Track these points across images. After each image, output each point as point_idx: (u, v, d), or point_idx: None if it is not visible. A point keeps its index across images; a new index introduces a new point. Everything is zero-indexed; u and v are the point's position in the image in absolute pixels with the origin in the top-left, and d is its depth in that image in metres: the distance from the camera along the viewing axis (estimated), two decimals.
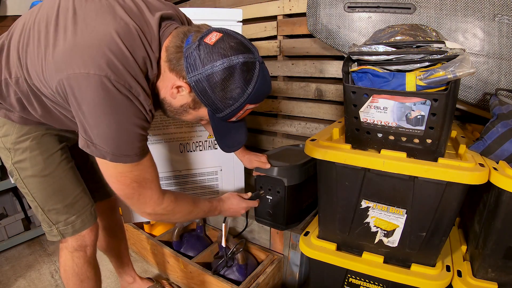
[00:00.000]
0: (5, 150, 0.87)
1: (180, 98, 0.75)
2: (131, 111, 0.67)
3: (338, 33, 1.23)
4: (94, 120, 0.65)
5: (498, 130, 0.79)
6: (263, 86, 0.73)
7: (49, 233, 0.94)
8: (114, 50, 0.64)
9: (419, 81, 0.74)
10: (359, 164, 0.84)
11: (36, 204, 0.90)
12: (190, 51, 0.68)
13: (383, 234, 0.91)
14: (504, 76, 1.02)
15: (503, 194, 0.74)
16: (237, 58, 0.67)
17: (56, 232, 0.92)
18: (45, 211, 0.91)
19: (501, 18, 1.00)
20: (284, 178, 1.14)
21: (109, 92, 0.63)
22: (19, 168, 0.88)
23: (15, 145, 0.86)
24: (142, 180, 0.75)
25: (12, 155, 0.87)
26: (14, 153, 0.87)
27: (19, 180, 0.90)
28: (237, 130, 0.83)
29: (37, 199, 0.90)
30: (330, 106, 1.55)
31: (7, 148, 0.86)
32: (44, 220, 0.92)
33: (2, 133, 0.85)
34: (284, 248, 1.28)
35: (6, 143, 0.86)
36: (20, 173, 0.88)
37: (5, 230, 1.65)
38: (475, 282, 0.84)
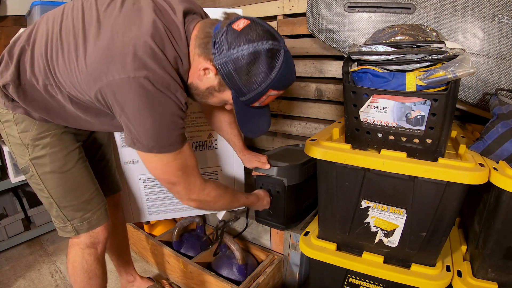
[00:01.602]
0: (22, 146, 0.87)
1: (206, 80, 0.77)
2: (171, 106, 0.72)
3: (338, 33, 1.23)
4: (139, 119, 0.70)
5: (498, 130, 0.79)
6: (287, 74, 0.75)
7: (63, 229, 0.94)
8: (148, 52, 0.67)
9: (419, 81, 0.74)
10: (359, 164, 0.84)
11: (51, 200, 0.91)
12: (218, 36, 0.72)
13: (383, 234, 0.91)
14: (504, 76, 1.02)
15: (503, 194, 0.74)
16: (262, 44, 0.70)
17: (71, 228, 0.93)
18: (61, 207, 0.91)
19: (501, 18, 1.00)
20: (284, 178, 1.14)
21: (149, 92, 0.68)
22: (37, 164, 0.88)
23: (34, 141, 0.86)
24: (185, 167, 0.80)
25: (30, 151, 0.87)
26: (32, 149, 0.87)
27: (35, 176, 0.89)
28: (260, 117, 0.85)
29: (54, 195, 0.90)
30: (330, 106, 1.55)
31: (25, 144, 0.86)
32: (59, 217, 0.92)
33: (21, 129, 0.86)
34: (284, 248, 1.28)
35: (25, 139, 0.86)
36: (37, 169, 0.88)
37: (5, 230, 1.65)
38: (475, 282, 0.84)
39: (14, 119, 0.85)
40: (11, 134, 0.87)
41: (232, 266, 1.24)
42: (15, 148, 0.89)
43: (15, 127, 0.85)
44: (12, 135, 0.87)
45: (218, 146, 1.34)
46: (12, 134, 0.87)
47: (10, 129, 0.87)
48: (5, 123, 0.87)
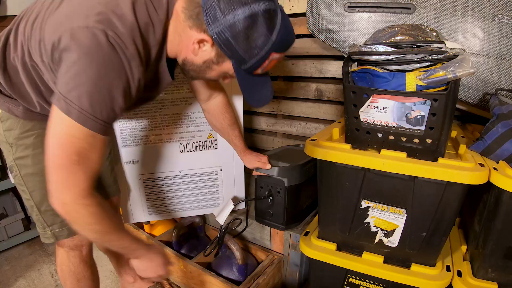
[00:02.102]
0: (7, 145, 0.85)
1: (202, 54, 0.72)
2: (118, 71, 0.63)
3: (338, 33, 1.23)
4: (77, 69, 0.60)
5: (498, 130, 0.79)
6: (287, 34, 0.70)
7: (43, 235, 0.92)
8: (117, 11, 0.63)
9: (419, 81, 0.74)
10: (359, 164, 0.84)
11: (32, 203, 0.89)
12: (209, 4, 0.66)
13: (383, 234, 0.91)
14: (504, 76, 1.02)
15: (503, 194, 0.74)
16: (258, 5, 0.64)
17: (49, 234, 0.91)
18: (41, 211, 0.89)
19: (501, 18, 1.00)
20: (285, 178, 1.14)
21: (102, 46, 0.60)
22: (20, 164, 0.86)
23: (18, 140, 0.84)
24: (85, 157, 0.64)
25: (13, 150, 0.85)
26: (16, 149, 0.85)
27: (18, 177, 0.88)
28: (263, 85, 0.79)
29: (35, 198, 0.88)
30: (330, 106, 1.55)
31: (9, 142, 0.85)
32: (39, 221, 0.91)
33: (5, 127, 0.84)
34: (284, 248, 1.28)
35: (9, 138, 0.85)
36: (20, 169, 0.86)
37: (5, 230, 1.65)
38: (475, 282, 0.84)
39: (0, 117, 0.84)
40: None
41: (232, 266, 1.24)
42: (2, 146, 0.88)
43: (1, 125, 0.84)
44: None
45: (218, 146, 1.34)
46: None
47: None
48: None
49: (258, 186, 1.22)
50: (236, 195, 1.42)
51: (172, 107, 1.24)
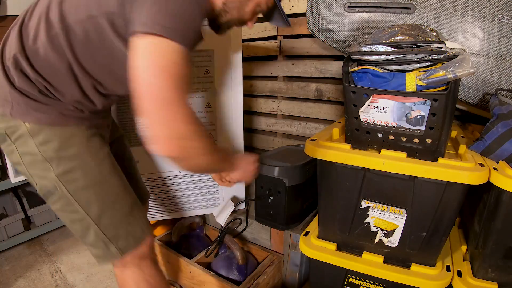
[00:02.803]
0: (44, 162, 0.72)
1: None
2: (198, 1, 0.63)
3: (338, 33, 1.23)
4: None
5: (498, 130, 0.79)
6: None
7: (105, 256, 0.78)
8: None
9: (419, 81, 0.74)
10: (359, 164, 0.84)
11: (89, 221, 0.75)
12: None
13: (383, 234, 0.91)
14: (504, 76, 1.02)
15: (503, 194, 0.74)
16: None
17: (114, 251, 0.78)
18: (102, 227, 0.76)
19: (501, 18, 1.00)
20: (285, 178, 1.14)
21: None
22: (66, 180, 0.73)
23: (59, 152, 0.72)
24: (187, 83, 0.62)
25: (54, 166, 0.72)
26: (57, 163, 0.72)
27: (64, 197, 0.74)
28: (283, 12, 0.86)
29: (92, 214, 0.75)
30: (330, 106, 1.55)
31: (48, 158, 0.71)
32: (99, 240, 0.77)
33: (39, 141, 0.70)
34: (284, 248, 1.28)
35: (47, 152, 0.71)
36: (67, 186, 0.73)
37: (5, 230, 1.65)
38: (475, 282, 0.84)
39: (28, 131, 0.70)
40: (26, 152, 0.72)
41: (232, 266, 1.24)
42: (33, 168, 0.74)
43: (31, 141, 0.70)
44: (29, 152, 0.72)
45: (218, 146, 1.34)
46: (28, 151, 0.72)
47: (25, 146, 0.71)
48: (17, 140, 0.72)
49: (258, 186, 1.22)
50: (236, 195, 1.42)
51: None
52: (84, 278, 1.48)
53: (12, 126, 0.70)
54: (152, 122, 0.59)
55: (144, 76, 0.58)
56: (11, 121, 0.70)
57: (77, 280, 1.47)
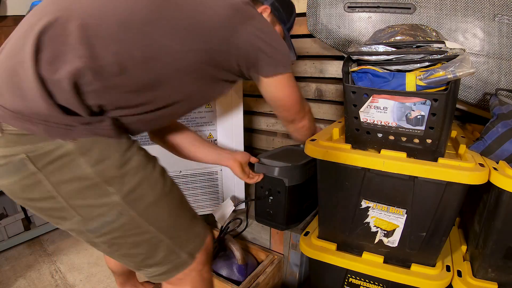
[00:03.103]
0: (101, 186, 0.58)
1: None
2: None
3: (338, 33, 1.23)
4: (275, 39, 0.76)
5: (498, 130, 0.79)
6: None
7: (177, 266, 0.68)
8: None
9: (419, 81, 0.74)
10: (359, 164, 0.84)
11: (160, 238, 0.65)
12: None
13: (383, 234, 0.91)
14: (504, 76, 1.02)
15: (503, 194, 0.74)
16: None
17: (185, 257, 0.69)
18: (173, 237, 0.67)
19: (501, 18, 1.00)
20: (285, 178, 1.14)
21: None
22: (134, 199, 0.61)
23: (121, 168, 0.59)
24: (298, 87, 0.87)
25: (116, 187, 0.59)
26: (121, 182, 0.59)
27: (133, 220, 0.61)
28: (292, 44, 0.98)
29: (164, 228, 0.65)
30: (330, 106, 1.55)
31: (107, 179, 0.58)
32: (170, 253, 0.67)
33: (95, 159, 0.57)
34: (284, 248, 1.28)
35: (108, 172, 0.58)
36: (135, 206, 0.61)
37: (5, 230, 1.65)
38: (475, 282, 0.84)
39: (77, 149, 0.56)
40: (70, 177, 0.56)
41: (232, 266, 1.24)
42: (80, 198, 0.58)
43: (82, 161, 0.56)
44: (76, 176, 0.56)
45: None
46: (74, 175, 0.56)
47: (67, 170, 0.56)
48: (50, 165, 0.55)
49: (258, 186, 1.22)
50: (236, 195, 1.42)
51: None
52: (84, 278, 1.48)
53: (41, 147, 0.55)
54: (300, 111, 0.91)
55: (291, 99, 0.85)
56: (43, 140, 0.55)
57: (77, 280, 1.47)
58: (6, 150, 0.55)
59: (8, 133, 0.55)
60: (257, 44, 0.71)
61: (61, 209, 0.59)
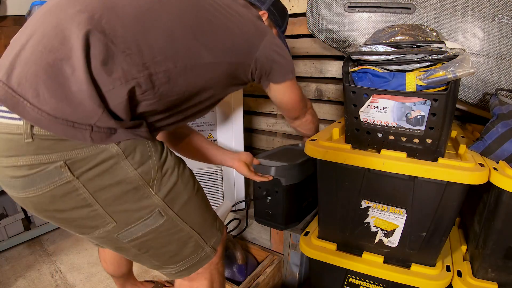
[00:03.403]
0: (144, 187, 0.58)
1: None
2: None
3: (338, 33, 1.23)
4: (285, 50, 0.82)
5: (498, 130, 0.79)
6: None
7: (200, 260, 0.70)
8: None
9: (419, 81, 0.74)
10: (359, 164, 0.84)
11: (191, 234, 0.67)
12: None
13: (383, 234, 0.91)
14: (504, 76, 1.02)
15: (503, 194, 0.74)
16: None
17: (209, 250, 0.71)
18: (202, 234, 0.69)
19: (501, 18, 1.00)
20: (282, 177, 1.14)
21: None
22: (172, 199, 0.62)
23: (161, 169, 0.60)
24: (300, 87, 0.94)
25: (156, 187, 0.59)
26: (160, 182, 0.60)
27: (170, 221, 0.63)
28: None
29: (195, 225, 0.68)
30: (330, 106, 1.55)
31: (149, 180, 0.58)
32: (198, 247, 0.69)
33: (137, 161, 0.56)
34: (284, 248, 1.28)
35: (150, 173, 0.58)
36: (174, 206, 0.63)
37: (5, 230, 1.65)
38: (475, 282, 0.84)
39: (122, 152, 0.54)
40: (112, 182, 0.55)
41: (232, 266, 1.24)
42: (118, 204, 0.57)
43: (126, 163, 0.55)
44: (120, 180, 0.55)
45: None
46: (118, 179, 0.55)
47: (110, 175, 0.54)
48: (90, 170, 0.53)
49: (256, 186, 1.22)
50: (236, 195, 1.42)
51: None
52: (84, 278, 1.48)
53: (80, 152, 0.52)
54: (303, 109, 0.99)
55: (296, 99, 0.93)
56: (81, 146, 0.52)
57: (77, 280, 1.47)
58: (37, 158, 0.50)
59: (40, 139, 0.50)
60: (272, 57, 0.79)
61: (95, 217, 0.57)
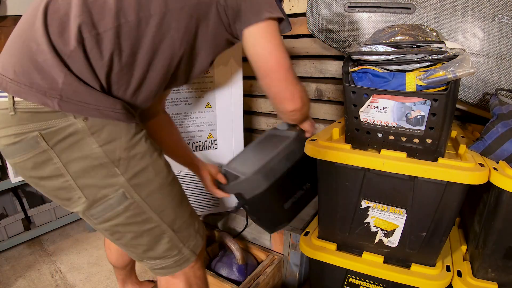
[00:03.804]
0: (108, 166, 0.59)
1: None
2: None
3: (338, 33, 1.23)
4: None
5: (498, 130, 0.79)
6: None
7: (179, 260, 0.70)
8: None
9: (419, 81, 0.74)
10: (359, 164, 0.84)
11: (164, 227, 0.66)
12: None
13: (383, 234, 0.91)
14: (504, 76, 1.02)
15: (503, 194, 0.74)
16: None
17: (188, 253, 0.70)
18: (175, 231, 0.68)
19: (501, 18, 1.00)
20: (243, 192, 0.95)
21: None
22: (139, 184, 0.62)
23: (129, 151, 0.60)
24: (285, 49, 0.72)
25: (122, 168, 0.60)
26: (127, 164, 0.60)
27: (135, 205, 0.62)
28: None
29: (167, 218, 0.66)
30: (330, 106, 1.55)
31: (115, 159, 0.59)
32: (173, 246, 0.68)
33: (103, 139, 0.58)
34: (284, 248, 1.28)
35: (114, 152, 0.59)
36: (140, 191, 0.62)
37: (5, 230, 1.65)
38: (475, 282, 0.84)
39: (88, 128, 0.57)
40: (79, 156, 0.58)
41: (232, 266, 1.24)
42: (87, 177, 0.59)
43: (91, 140, 0.57)
44: (85, 155, 0.58)
45: (218, 146, 1.34)
46: (83, 154, 0.58)
47: (77, 148, 0.57)
48: (61, 143, 0.57)
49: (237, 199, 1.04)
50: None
51: (171, 107, 1.24)
52: (84, 278, 1.48)
53: (54, 125, 0.56)
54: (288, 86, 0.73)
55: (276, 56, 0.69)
56: (55, 117, 0.56)
57: (77, 280, 1.47)
58: (19, 128, 0.56)
59: (21, 111, 0.56)
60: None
61: (67, 188, 0.60)
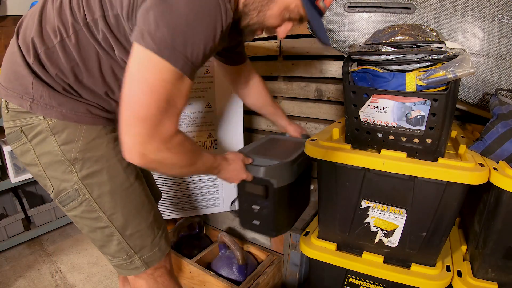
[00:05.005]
0: (66, 163, 0.67)
1: None
2: (215, 10, 0.56)
3: (338, 33, 1.23)
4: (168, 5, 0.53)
5: (498, 130, 0.79)
6: None
7: (128, 265, 0.75)
8: None
9: (419, 81, 0.74)
10: (359, 164, 0.84)
11: (113, 229, 0.72)
12: None
13: (383, 234, 0.91)
14: (504, 76, 1.02)
15: (503, 194, 0.74)
16: None
17: (139, 262, 0.74)
18: (125, 237, 0.73)
19: (501, 18, 1.00)
20: (274, 179, 0.92)
21: None
22: (91, 184, 0.69)
23: (84, 153, 0.67)
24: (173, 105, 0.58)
25: (78, 168, 0.68)
26: (82, 165, 0.68)
27: (87, 202, 0.70)
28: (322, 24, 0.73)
29: (116, 222, 0.71)
30: (330, 106, 1.55)
31: (71, 159, 0.67)
32: (122, 251, 0.73)
33: (62, 140, 0.67)
34: (284, 248, 1.28)
35: (70, 152, 0.67)
36: (91, 191, 0.69)
37: (5, 230, 1.65)
38: (475, 282, 0.84)
39: (50, 128, 0.66)
40: (46, 151, 0.68)
41: (232, 266, 1.24)
42: (52, 170, 0.69)
43: (53, 139, 0.67)
44: (49, 151, 0.67)
45: (218, 146, 1.34)
46: (48, 150, 0.68)
47: (44, 144, 0.67)
48: (34, 138, 0.68)
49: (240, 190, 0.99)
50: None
51: None
52: (84, 278, 1.48)
53: (30, 122, 0.67)
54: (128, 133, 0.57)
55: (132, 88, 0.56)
56: (29, 116, 0.66)
57: (77, 280, 1.47)
58: (11, 123, 0.69)
59: (11, 110, 0.68)
60: None
61: (42, 176, 0.71)
